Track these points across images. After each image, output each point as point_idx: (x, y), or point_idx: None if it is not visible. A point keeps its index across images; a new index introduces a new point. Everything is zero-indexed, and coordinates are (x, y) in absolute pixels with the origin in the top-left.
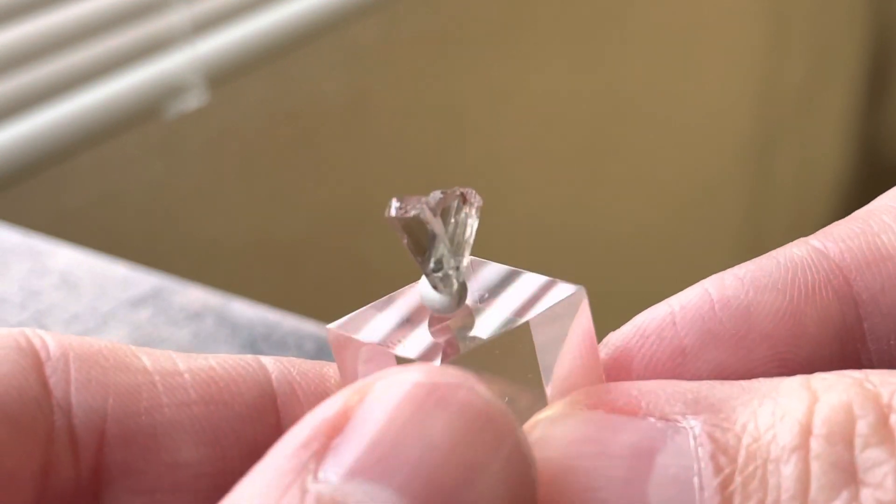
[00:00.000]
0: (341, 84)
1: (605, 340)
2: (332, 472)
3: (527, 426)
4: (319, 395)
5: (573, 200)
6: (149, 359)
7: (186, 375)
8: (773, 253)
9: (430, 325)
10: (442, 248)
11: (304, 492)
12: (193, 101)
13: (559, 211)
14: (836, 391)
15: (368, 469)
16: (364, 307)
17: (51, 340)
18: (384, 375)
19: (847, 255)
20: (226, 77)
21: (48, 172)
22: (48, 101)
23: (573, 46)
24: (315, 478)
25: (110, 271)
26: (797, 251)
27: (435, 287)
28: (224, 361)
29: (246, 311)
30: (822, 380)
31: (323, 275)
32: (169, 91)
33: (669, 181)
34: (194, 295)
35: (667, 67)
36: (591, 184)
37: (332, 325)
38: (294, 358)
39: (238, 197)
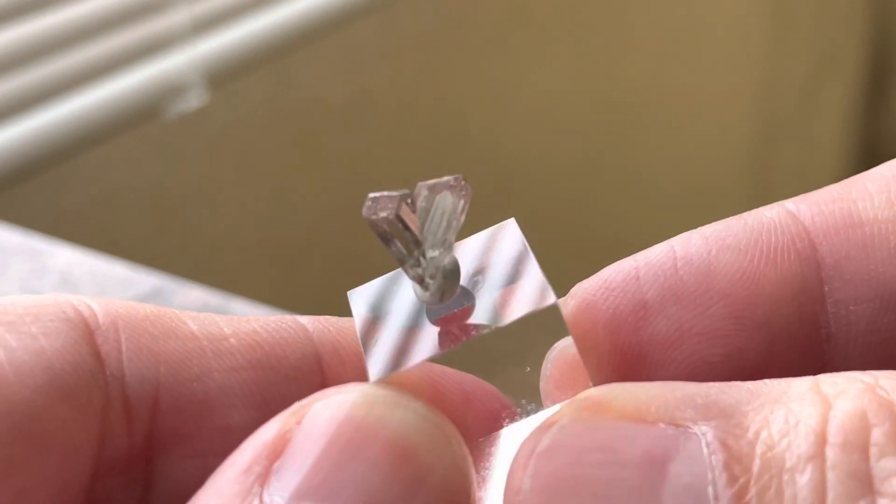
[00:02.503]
0: (341, 84)
1: (572, 291)
2: (278, 495)
3: (535, 432)
4: (360, 352)
5: (573, 200)
6: (195, 323)
7: (233, 340)
8: (745, 214)
9: (427, 314)
10: (417, 247)
11: None
12: (193, 101)
13: (559, 210)
14: (848, 397)
15: (313, 491)
16: (390, 274)
17: (97, 308)
18: (320, 397)
19: (818, 218)
20: (226, 77)
21: (48, 172)
22: (48, 101)
23: (573, 46)
24: (261, 501)
25: (110, 271)
26: (769, 213)
27: (419, 282)
28: (266, 324)
29: (246, 310)
30: (832, 384)
31: (323, 275)
32: (169, 91)
33: (670, 180)
34: (194, 295)
35: (667, 67)
36: (591, 183)
37: (352, 291)
38: (330, 316)
39: (238, 197)
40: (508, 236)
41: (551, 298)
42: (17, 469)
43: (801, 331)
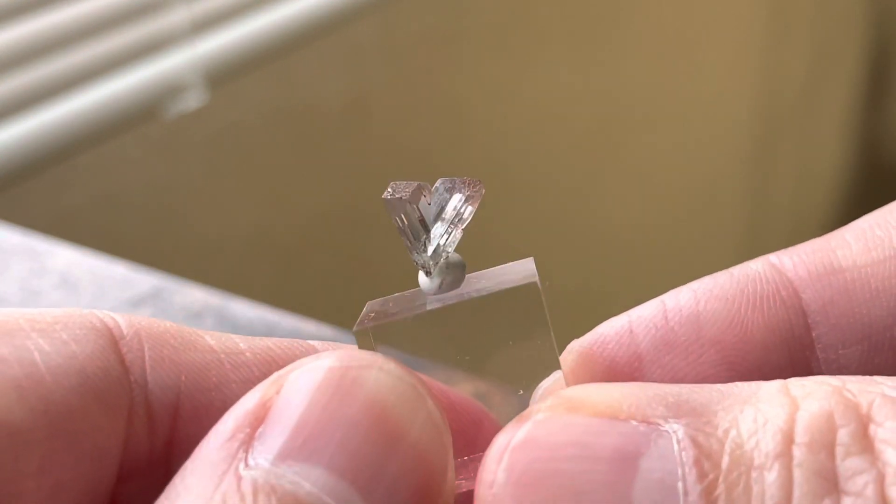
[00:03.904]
0: (341, 84)
1: (568, 347)
2: (263, 457)
3: (509, 427)
4: None
5: (573, 201)
6: (212, 338)
7: (248, 354)
8: (731, 268)
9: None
10: (428, 232)
11: (238, 478)
12: (193, 101)
13: (559, 211)
14: (815, 399)
15: (296, 451)
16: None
17: (121, 321)
18: (297, 365)
19: (800, 268)
20: (226, 77)
21: (48, 172)
22: (48, 101)
23: (573, 46)
24: (246, 465)
25: (110, 271)
26: (754, 266)
27: (422, 268)
28: (279, 342)
29: (246, 310)
30: (800, 386)
31: (323, 275)
32: (169, 91)
33: (669, 181)
34: (194, 295)
35: (667, 67)
36: (592, 184)
37: (372, 302)
38: (339, 343)
39: (238, 196)
40: (522, 265)
41: (532, 278)
42: (54, 465)
43: (794, 377)
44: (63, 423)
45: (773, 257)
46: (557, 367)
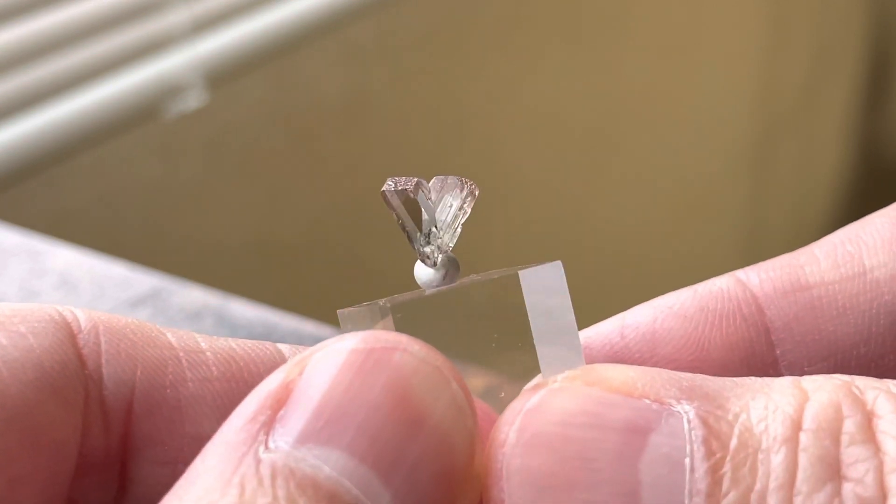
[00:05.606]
0: (341, 84)
1: None
2: (283, 440)
3: (524, 393)
4: None
5: (573, 200)
6: (173, 336)
7: (208, 353)
8: (697, 284)
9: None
10: (431, 225)
11: (257, 461)
12: (193, 101)
13: (559, 211)
14: (825, 391)
15: (316, 434)
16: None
17: (80, 314)
18: (321, 347)
19: (766, 284)
20: (225, 77)
21: (48, 172)
22: (48, 101)
23: (573, 47)
24: (266, 447)
25: (109, 271)
26: (719, 282)
27: (423, 261)
28: (243, 343)
29: (245, 311)
30: (811, 381)
31: (322, 275)
32: (169, 91)
33: (669, 181)
34: (193, 295)
35: (667, 67)
36: (591, 184)
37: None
38: (310, 347)
39: (238, 197)
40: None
41: (557, 261)
42: (11, 459)
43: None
44: (21, 418)
45: (740, 273)
46: (580, 360)
